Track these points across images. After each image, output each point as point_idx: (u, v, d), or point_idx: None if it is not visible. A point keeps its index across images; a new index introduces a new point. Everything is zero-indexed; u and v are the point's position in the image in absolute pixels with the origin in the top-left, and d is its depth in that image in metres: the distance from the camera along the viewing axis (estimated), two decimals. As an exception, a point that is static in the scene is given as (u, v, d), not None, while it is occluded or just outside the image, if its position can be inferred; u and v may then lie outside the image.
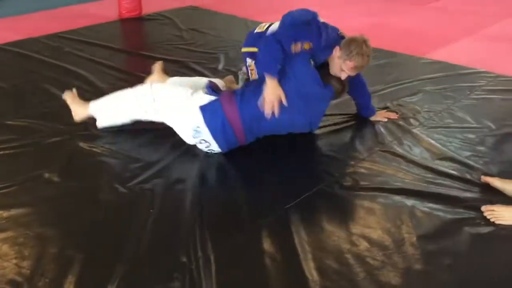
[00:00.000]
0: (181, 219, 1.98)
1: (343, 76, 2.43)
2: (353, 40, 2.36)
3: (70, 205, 2.09)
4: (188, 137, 2.41)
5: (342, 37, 2.44)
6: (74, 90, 2.71)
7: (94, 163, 2.38)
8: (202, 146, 2.41)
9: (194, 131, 2.35)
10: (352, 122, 2.77)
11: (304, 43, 2.41)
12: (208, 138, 2.35)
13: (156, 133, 2.66)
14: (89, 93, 3.12)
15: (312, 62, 2.44)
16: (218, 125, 2.31)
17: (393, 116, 2.81)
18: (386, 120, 2.77)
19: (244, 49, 2.77)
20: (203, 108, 2.32)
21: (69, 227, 1.95)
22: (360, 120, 2.79)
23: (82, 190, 2.19)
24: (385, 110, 2.87)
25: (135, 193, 2.16)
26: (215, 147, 2.38)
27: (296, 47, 2.40)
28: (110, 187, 2.19)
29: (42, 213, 2.03)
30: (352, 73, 2.43)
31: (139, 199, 2.10)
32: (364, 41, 2.35)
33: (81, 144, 2.51)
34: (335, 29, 2.49)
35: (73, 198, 2.14)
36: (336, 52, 2.38)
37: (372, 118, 2.79)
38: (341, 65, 2.38)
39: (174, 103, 2.41)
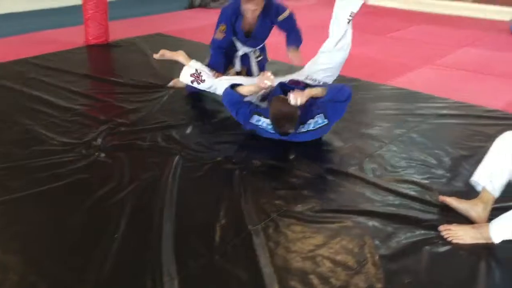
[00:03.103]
0: (146, 242, 1.98)
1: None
2: None
3: (33, 229, 2.07)
4: None
5: None
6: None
7: (60, 188, 2.36)
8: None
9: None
10: (316, 147, 2.84)
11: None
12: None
13: (125, 155, 2.67)
14: (53, 117, 3.11)
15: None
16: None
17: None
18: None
19: None
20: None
21: (31, 252, 1.93)
22: (323, 144, 2.86)
23: (46, 214, 2.17)
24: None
25: (100, 215, 2.15)
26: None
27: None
28: (75, 210, 2.18)
29: (3, 240, 2.00)
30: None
31: (105, 221, 2.10)
32: None
33: (46, 171, 2.50)
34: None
35: (36, 222, 2.11)
36: None
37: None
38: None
39: None
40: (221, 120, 3.18)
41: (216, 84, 3.16)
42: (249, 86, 2.95)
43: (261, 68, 3.51)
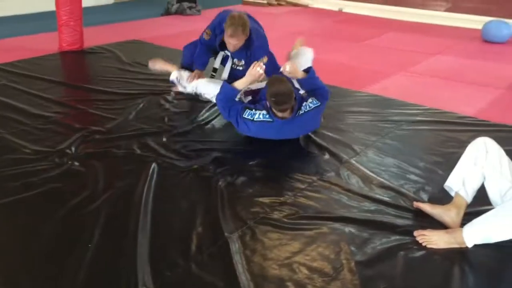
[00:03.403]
0: (121, 250, 1.95)
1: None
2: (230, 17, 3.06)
3: (6, 239, 2.03)
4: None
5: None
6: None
7: (33, 197, 2.31)
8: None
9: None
10: (292, 154, 2.85)
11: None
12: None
13: (100, 163, 2.63)
14: (25, 125, 3.06)
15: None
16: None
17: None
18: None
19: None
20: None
21: (4, 262, 1.89)
22: (299, 152, 2.88)
23: (19, 224, 2.13)
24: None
25: (74, 224, 2.12)
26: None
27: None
28: (49, 219, 2.14)
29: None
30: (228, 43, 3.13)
31: (79, 230, 2.06)
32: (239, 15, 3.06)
33: (18, 180, 2.45)
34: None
35: (9, 232, 2.08)
36: None
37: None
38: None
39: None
40: (198, 128, 3.17)
41: (195, 84, 3.39)
42: (242, 79, 3.02)
43: (234, 76, 3.45)
